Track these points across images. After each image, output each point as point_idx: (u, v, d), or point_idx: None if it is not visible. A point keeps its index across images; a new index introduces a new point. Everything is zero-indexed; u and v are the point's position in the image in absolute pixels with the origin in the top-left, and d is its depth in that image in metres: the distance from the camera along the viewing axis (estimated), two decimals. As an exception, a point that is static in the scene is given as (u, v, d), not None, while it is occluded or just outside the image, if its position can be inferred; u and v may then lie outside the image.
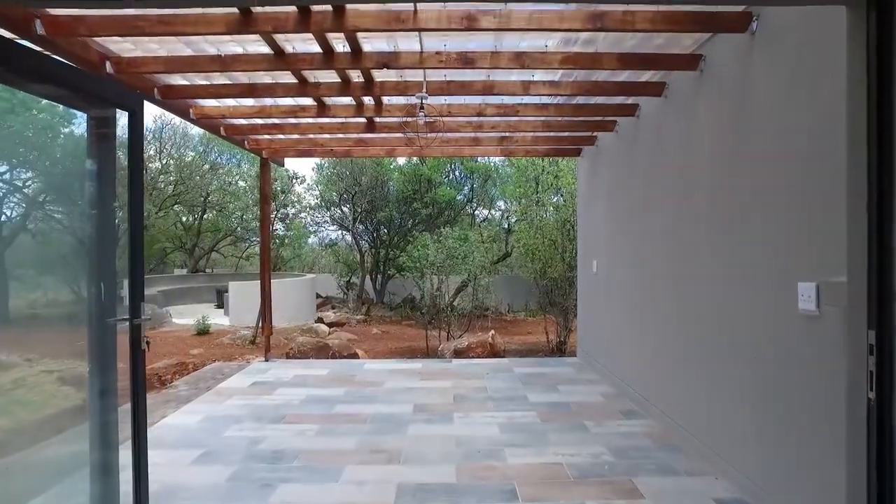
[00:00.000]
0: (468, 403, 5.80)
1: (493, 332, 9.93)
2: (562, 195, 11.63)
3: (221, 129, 6.32)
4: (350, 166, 17.81)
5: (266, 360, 8.14)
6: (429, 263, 10.79)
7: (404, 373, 7.34)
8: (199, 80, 4.76)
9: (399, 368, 7.64)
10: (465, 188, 19.64)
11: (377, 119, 6.17)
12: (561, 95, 4.96)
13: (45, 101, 17.56)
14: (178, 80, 4.79)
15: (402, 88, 4.78)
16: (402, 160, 20.38)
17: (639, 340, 5.57)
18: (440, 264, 10.83)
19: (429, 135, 5.50)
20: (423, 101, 4.67)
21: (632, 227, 5.72)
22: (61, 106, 18.24)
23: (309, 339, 9.53)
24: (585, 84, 4.83)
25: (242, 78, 4.73)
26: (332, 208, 19.39)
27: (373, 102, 5.43)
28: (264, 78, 4.75)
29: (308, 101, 5.41)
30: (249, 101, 5.50)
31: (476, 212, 20.26)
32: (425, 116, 4.68)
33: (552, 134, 7.17)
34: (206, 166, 20.09)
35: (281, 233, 22.35)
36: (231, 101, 5.46)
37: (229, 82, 4.77)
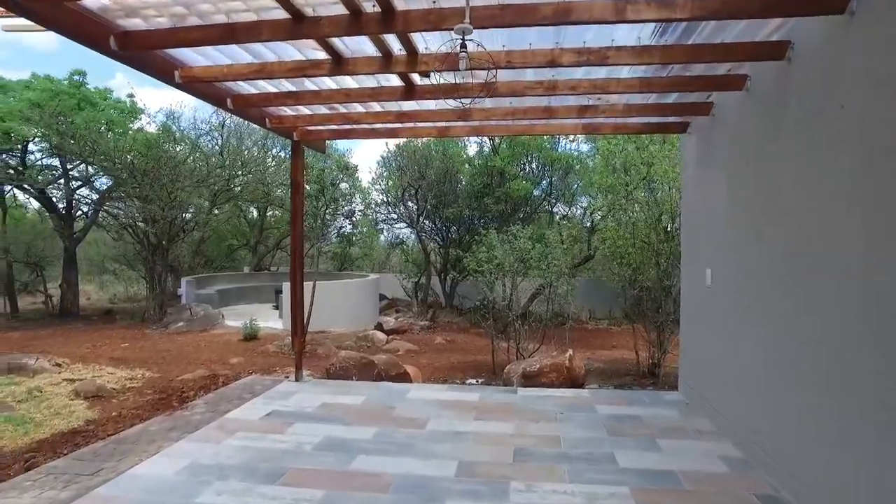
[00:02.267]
0: (533, 465, 4.31)
1: (570, 352, 8.32)
2: (655, 188, 9.80)
3: (228, 101, 5.20)
4: (415, 157, 16.65)
5: (296, 381, 7.01)
6: (496, 266, 9.32)
7: (456, 406, 5.94)
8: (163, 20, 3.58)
9: (450, 399, 6.24)
10: (543, 182, 17.95)
11: (416, 80, 4.81)
12: (677, 20, 3.34)
13: (113, 97, 17.75)
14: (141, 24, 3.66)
15: (435, 21, 3.37)
16: (472, 150, 19.05)
17: (782, 386, 3.85)
18: (509, 267, 9.34)
19: (477, 98, 4.05)
20: (465, 38, 3.23)
21: (777, 228, 4.00)
22: (129, 101, 18.42)
23: (354, 353, 8.36)
24: (711, 2, 3.19)
25: (213, 14, 3.51)
26: (398, 204, 18.35)
27: (402, 51, 4.06)
28: (241, 13, 3.51)
29: (311, 48, 4.12)
30: (246, 58, 4.29)
31: (555, 209, 18.51)
32: (467, 57, 3.23)
33: (652, 100, 5.51)
34: (271, 160, 19.64)
35: (348, 230, 21.66)
36: (218, 56, 4.28)
37: (201, 22, 3.56)
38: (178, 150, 15.84)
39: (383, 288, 19.56)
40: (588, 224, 16.78)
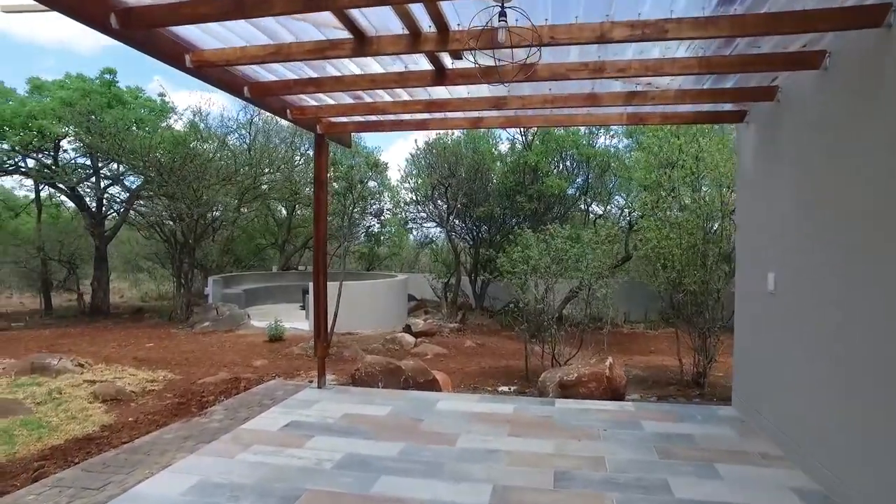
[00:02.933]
0: (577, 492, 3.85)
1: (610, 360, 7.80)
2: (702, 185, 9.16)
3: (246, 89, 4.87)
4: (445, 155, 16.24)
5: (319, 387, 6.67)
6: (531, 267, 8.83)
7: (488, 420, 5.51)
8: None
9: (482, 411, 5.81)
10: (578, 179, 17.34)
11: (447, 63, 4.40)
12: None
13: (144, 96, 17.83)
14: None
15: (469, -13, 2.95)
16: (503, 146, 18.53)
17: (867, 408, 3.31)
18: (545, 268, 8.84)
19: (516, 80, 3.62)
20: (506, 5, 2.80)
21: (857, 228, 3.46)
22: (159, 100, 18.47)
23: (380, 358, 7.99)
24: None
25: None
26: (427, 203, 17.97)
27: (432, 28, 3.65)
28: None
29: (332, 26, 3.73)
30: (261, 38, 3.94)
31: (591, 208, 17.89)
32: (507, 27, 2.80)
33: (708, 84, 4.98)
34: (299, 158, 19.49)
35: (376, 229, 21.39)
36: (231, 37, 3.94)
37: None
38: (205, 147, 15.77)
39: (412, 288, 19.21)
40: (625, 223, 16.13)
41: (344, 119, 6.37)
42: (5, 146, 15.80)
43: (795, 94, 4.51)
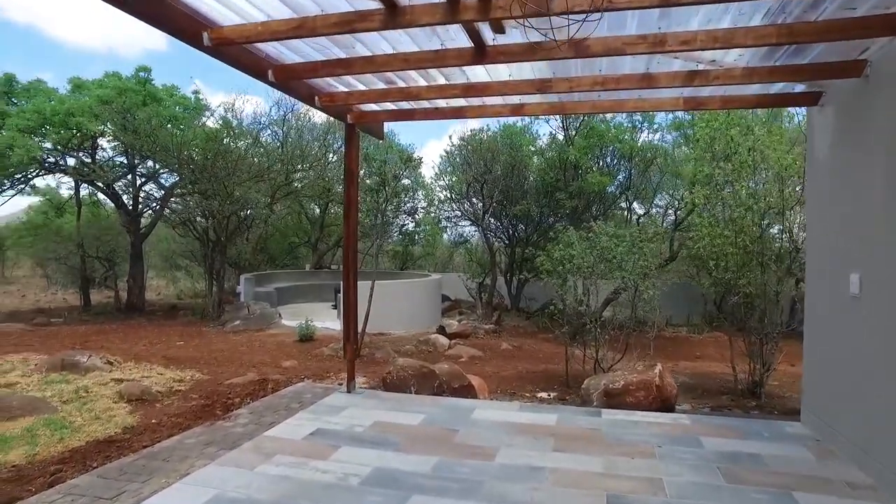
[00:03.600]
0: (634, 522, 3.39)
1: (659, 367, 7.26)
2: (761, 179, 8.51)
3: (270, 72, 4.55)
4: (480, 151, 15.80)
5: (348, 392, 6.34)
6: (574, 267, 8.34)
7: (530, 431, 5.07)
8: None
9: (523, 422, 5.38)
10: (619, 176, 16.67)
11: (488, 39, 3.99)
12: None
13: (179, 94, 17.93)
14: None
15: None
16: (543, 140, 17.99)
17: None
18: (589, 268, 8.34)
19: (570, 29, 3.18)
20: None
21: None
22: (193, 98, 18.55)
23: (413, 361, 7.62)
24: None
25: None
26: (462, 200, 17.57)
27: (472, -8, 3.24)
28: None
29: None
30: (283, 12, 3.60)
31: (632, 206, 17.20)
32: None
33: (782, 60, 4.44)
34: (332, 156, 19.32)
35: (410, 228, 21.09)
36: (252, 11, 3.60)
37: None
38: (237, 144, 15.71)
39: (445, 288, 18.85)
40: (670, 221, 15.42)
41: (375, 108, 6.03)
42: (47, 145, 16.06)
43: (890, 70, 3.93)
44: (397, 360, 7.72)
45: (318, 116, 21.26)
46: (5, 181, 16.26)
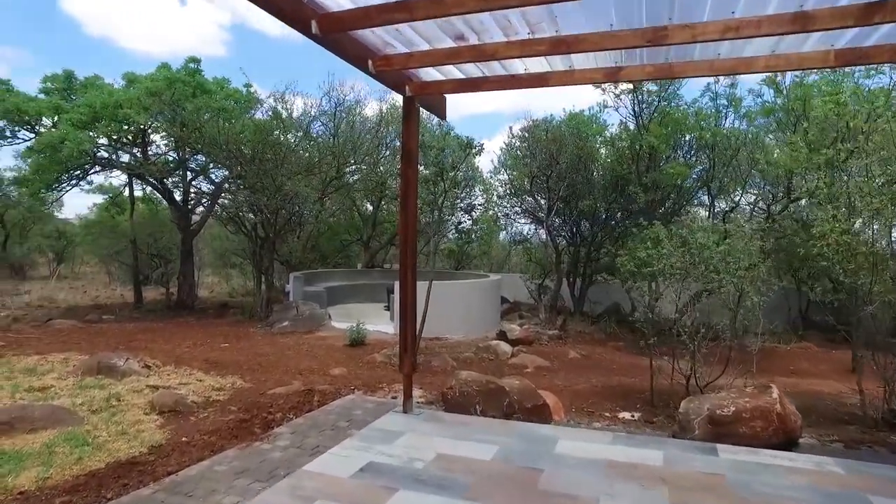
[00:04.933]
0: None
1: (775, 390, 6.04)
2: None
3: (314, 23, 3.69)
4: (545, 141, 14.69)
5: (404, 412, 5.45)
6: (666, 268, 7.19)
7: (633, 474, 4.04)
8: None
9: (621, 460, 4.34)
10: (698, 167, 15.20)
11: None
12: None
13: (229, 87, 17.62)
14: None
15: None
16: (612, 129, 16.68)
17: None
18: (682, 270, 7.18)
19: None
20: None
21: None
22: (245, 91, 18.21)
23: (477, 376, 6.67)
24: None
25: None
26: (523, 196, 16.50)
27: None
28: None
29: None
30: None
31: (715, 199, 15.66)
32: None
33: None
34: (385, 150, 18.61)
35: (467, 225, 20.20)
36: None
37: None
38: (287, 136, 15.16)
39: (504, 289, 17.83)
40: (761, 217, 13.88)
41: (439, 76, 5.13)
42: (103, 140, 16.02)
43: None
44: (459, 373, 6.79)
45: (370, 108, 20.59)
46: (62, 176, 16.29)
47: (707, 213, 15.50)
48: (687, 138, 14.94)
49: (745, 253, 7.39)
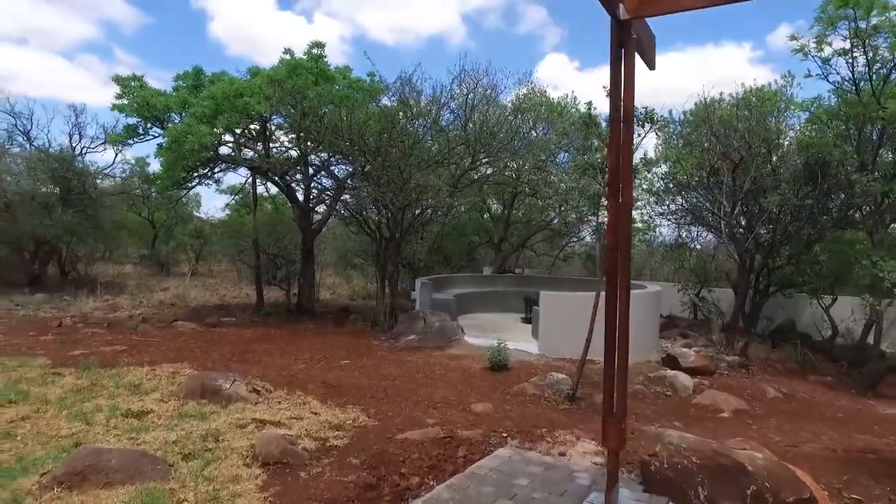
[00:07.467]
0: None
1: None
2: None
3: None
4: (729, 120, 12.08)
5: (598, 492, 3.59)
6: None
7: None
8: None
9: None
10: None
11: None
12: None
13: (353, 76, 16.73)
14: None
15: None
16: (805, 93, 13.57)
17: None
18: None
19: None
20: None
21: None
22: (368, 80, 17.25)
23: (693, 439, 4.67)
24: None
25: None
26: (689, 192, 13.94)
27: None
28: None
29: None
30: None
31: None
32: None
33: None
34: (518, 143, 16.78)
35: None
36: None
37: None
38: (414, 125, 13.80)
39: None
40: None
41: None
42: (227, 138, 15.74)
43: None
44: (666, 433, 4.80)
45: (504, 95, 18.86)
46: (189, 174, 16.19)
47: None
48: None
49: None
